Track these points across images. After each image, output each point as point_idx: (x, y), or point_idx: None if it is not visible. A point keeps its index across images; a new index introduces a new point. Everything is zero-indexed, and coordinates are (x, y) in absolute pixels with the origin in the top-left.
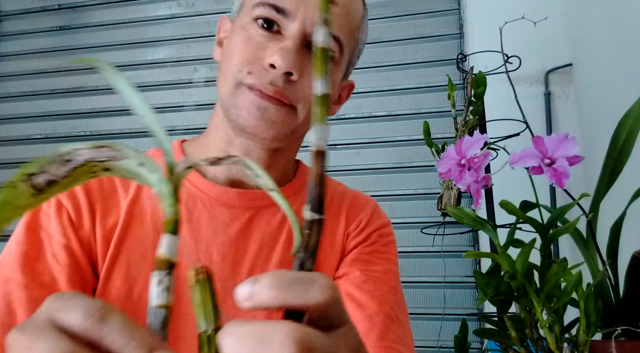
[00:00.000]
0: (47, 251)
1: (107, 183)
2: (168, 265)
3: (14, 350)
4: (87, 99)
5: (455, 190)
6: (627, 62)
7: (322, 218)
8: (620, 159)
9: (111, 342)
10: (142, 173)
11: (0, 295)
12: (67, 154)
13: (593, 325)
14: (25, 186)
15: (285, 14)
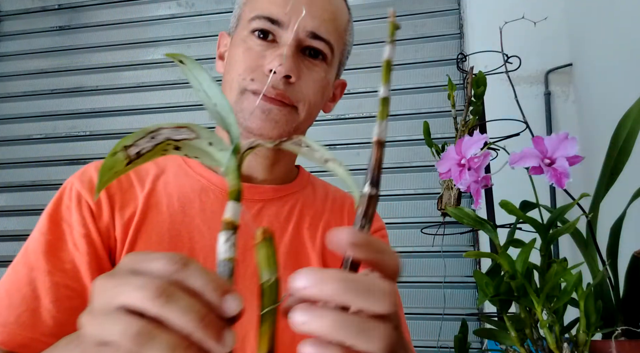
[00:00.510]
0: (69, 240)
1: (125, 179)
2: (232, 226)
3: (100, 296)
4: (87, 99)
5: (455, 190)
6: (627, 62)
7: (379, 192)
8: (620, 159)
9: (192, 283)
10: (211, 151)
11: (25, 281)
12: (153, 132)
13: (593, 325)
14: (122, 155)
15: (279, 24)
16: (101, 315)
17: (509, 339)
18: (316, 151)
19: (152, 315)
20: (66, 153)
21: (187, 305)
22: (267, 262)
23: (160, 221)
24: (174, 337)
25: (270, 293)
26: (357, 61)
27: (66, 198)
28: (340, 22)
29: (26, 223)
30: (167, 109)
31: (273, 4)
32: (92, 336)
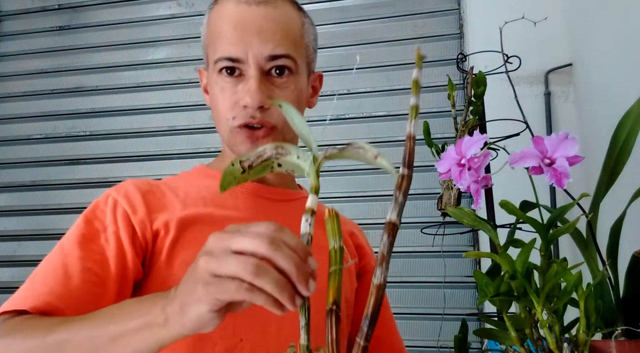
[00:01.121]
0: (101, 236)
1: (158, 190)
2: (312, 211)
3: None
4: (87, 99)
5: (455, 190)
6: (627, 62)
7: (411, 173)
8: (620, 159)
9: (288, 241)
10: (299, 163)
11: (60, 264)
12: (261, 151)
13: (593, 325)
14: (238, 166)
15: (240, 61)
16: (222, 255)
17: (509, 339)
18: (368, 151)
19: (263, 256)
20: (66, 153)
21: (289, 254)
22: (333, 233)
23: (200, 217)
24: (279, 275)
25: (336, 256)
26: (357, 61)
27: (102, 203)
28: (294, 32)
29: (26, 223)
30: (167, 109)
31: (229, 44)
32: (211, 270)
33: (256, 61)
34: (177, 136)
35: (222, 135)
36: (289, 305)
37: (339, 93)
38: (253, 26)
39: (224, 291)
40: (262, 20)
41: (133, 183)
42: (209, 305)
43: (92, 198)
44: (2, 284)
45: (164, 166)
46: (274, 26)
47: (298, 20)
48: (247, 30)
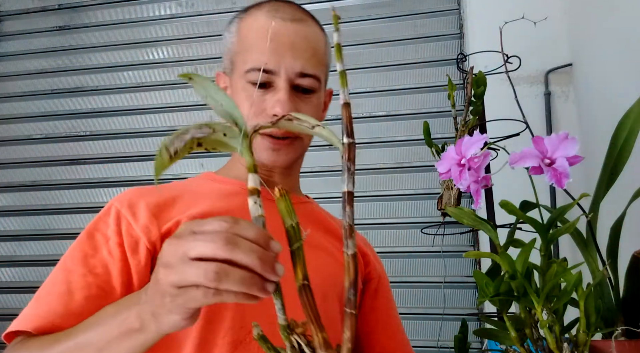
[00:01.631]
0: (103, 249)
1: (164, 192)
2: (256, 191)
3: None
4: (87, 99)
5: (455, 190)
6: (627, 62)
7: (354, 141)
8: (620, 159)
9: (246, 233)
10: (226, 140)
11: (62, 280)
12: (183, 132)
13: (593, 325)
14: (165, 154)
15: (272, 73)
16: (180, 265)
17: (509, 339)
18: (304, 121)
19: (223, 258)
20: (66, 153)
21: (249, 248)
22: (287, 211)
23: (207, 214)
24: (243, 272)
25: (295, 233)
26: (357, 61)
27: (104, 215)
28: (321, 51)
29: (26, 223)
30: (167, 109)
31: (263, 55)
32: (173, 283)
33: (287, 74)
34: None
35: None
36: (260, 295)
37: (339, 93)
38: (287, 40)
39: (192, 299)
40: (295, 37)
41: (136, 191)
42: (180, 314)
43: (92, 198)
44: (2, 284)
45: None
46: (306, 44)
47: (323, 41)
48: (281, 45)
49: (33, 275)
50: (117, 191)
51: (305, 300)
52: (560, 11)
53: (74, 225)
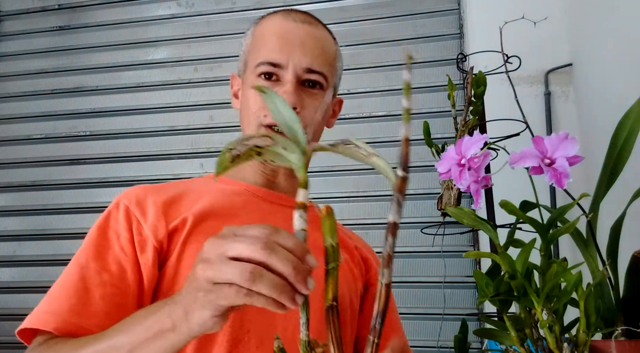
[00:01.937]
0: (115, 246)
1: (170, 190)
2: (303, 206)
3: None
4: (87, 99)
5: (455, 190)
6: (627, 62)
7: (407, 176)
8: (620, 159)
9: (284, 242)
10: (285, 154)
11: (78, 278)
12: (246, 139)
13: (593, 325)
14: (228, 155)
15: (280, 67)
16: (217, 263)
17: (509, 339)
18: (362, 149)
19: (259, 261)
20: (66, 153)
21: (285, 256)
22: (329, 230)
23: (212, 212)
24: (276, 278)
25: (333, 252)
26: (357, 61)
27: (114, 211)
28: (329, 53)
29: (26, 223)
30: (167, 109)
31: (273, 51)
32: (209, 278)
33: (294, 68)
34: (177, 136)
35: (246, 132)
36: (289, 305)
37: (339, 93)
38: (296, 39)
39: (224, 297)
40: (305, 36)
41: (142, 188)
42: (211, 311)
43: (92, 198)
44: (2, 284)
45: (164, 166)
46: (315, 43)
47: (333, 47)
48: (290, 41)
49: (33, 275)
50: (117, 191)
51: (330, 320)
52: (560, 11)
53: (74, 225)
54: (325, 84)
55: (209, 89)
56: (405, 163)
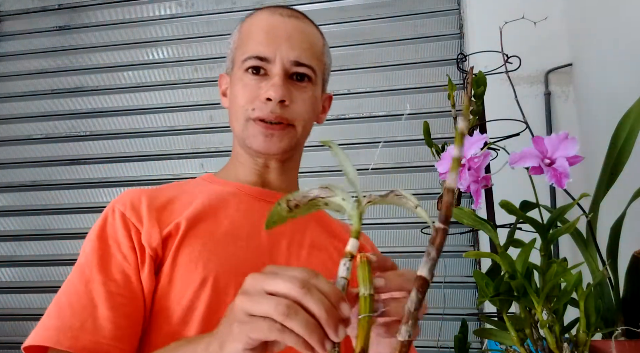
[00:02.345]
0: (117, 254)
1: (162, 195)
2: (351, 255)
3: (254, 284)
4: (87, 99)
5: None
6: (627, 62)
7: (447, 228)
8: (620, 159)
9: (321, 287)
10: (343, 205)
11: (83, 291)
12: (307, 192)
13: (593, 325)
14: (284, 205)
15: (268, 61)
16: (256, 295)
17: (509, 339)
18: (409, 200)
19: (294, 298)
20: (66, 153)
21: (320, 298)
22: (364, 279)
23: (204, 214)
24: (309, 317)
25: (366, 303)
26: (357, 61)
27: (110, 218)
28: (317, 48)
29: (26, 223)
30: (167, 109)
31: (260, 44)
32: (245, 309)
33: (282, 61)
34: (177, 136)
35: (236, 130)
36: (318, 348)
37: (339, 93)
38: (284, 33)
39: (257, 330)
40: (292, 30)
41: (136, 192)
42: (243, 344)
43: (92, 198)
44: (2, 284)
45: (164, 166)
46: (302, 37)
47: (321, 41)
48: (277, 35)
49: (33, 275)
50: (117, 191)
51: None
52: (560, 11)
53: (74, 225)
54: (313, 78)
55: (209, 89)
56: (447, 215)
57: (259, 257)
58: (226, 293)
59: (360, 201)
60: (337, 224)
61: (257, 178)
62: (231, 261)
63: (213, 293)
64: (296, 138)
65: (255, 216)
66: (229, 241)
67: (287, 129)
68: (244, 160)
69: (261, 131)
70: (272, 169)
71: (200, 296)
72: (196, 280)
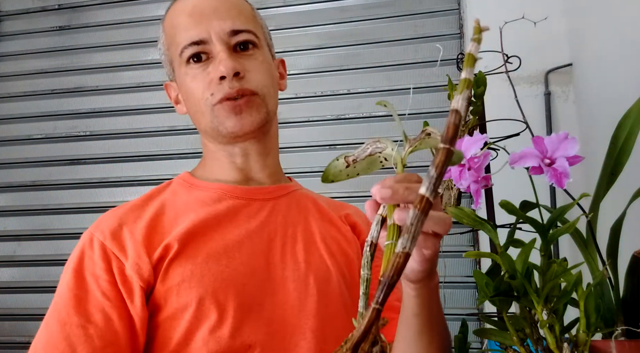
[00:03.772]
0: (96, 291)
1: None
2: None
3: None
4: (87, 99)
5: (455, 190)
6: (627, 62)
7: (451, 148)
8: (620, 159)
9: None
10: (393, 154)
11: (60, 337)
12: (366, 146)
13: (593, 325)
14: (342, 160)
15: (205, 42)
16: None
17: (509, 339)
18: (437, 134)
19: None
20: (66, 153)
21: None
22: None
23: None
24: None
25: (392, 230)
26: (357, 61)
27: (88, 250)
28: (247, 11)
29: (26, 223)
30: (167, 109)
31: (189, 30)
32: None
33: (219, 37)
34: (177, 136)
35: (203, 124)
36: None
37: (339, 93)
38: (208, 8)
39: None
40: (215, 2)
41: (114, 217)
42: None
43: (92, 198)
44: (2, 284)
45: (164, 166)
46: (228, 5)
47: (247, 4)
48: (203, 14)
49: (33, 275)
50: (117, 191)
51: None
52: (560, 11)
53: (74, 225)
54: (257, 41)
55: None
56: (451, 135)
57: (254, 262)
58: (226, 307)
59: (409, 142)
60: (322, 202)
61: (238, 173)
62: (225, 274)
63: (213, 309)
64: (265, 107)
65: (244, 221)
66: (221, 254)
67: (253, 99)
68: (220, 156)
69: (229, 110)
70: (253, 155)
71: (200, 316)
72: (193, 300)
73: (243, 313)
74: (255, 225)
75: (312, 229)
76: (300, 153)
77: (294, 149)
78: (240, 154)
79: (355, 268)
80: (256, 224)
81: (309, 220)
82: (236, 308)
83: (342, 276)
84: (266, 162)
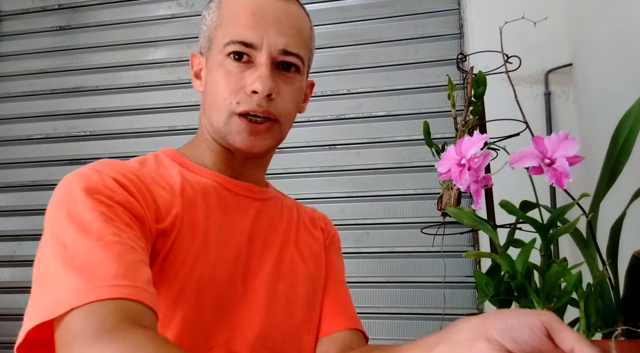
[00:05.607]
0: (118, 204)
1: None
2: None
3: None
4: (87, 99)
5: (455, 190)
6: (627, 62)
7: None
8: (620, 159)
9: None
10: None
11: (96, 247)
12: None
13: (593, 325)
14: None
15: (253, 47)
16: None
17: None
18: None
19: None
20: (66, 153)
21: None
22: None
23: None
24: None
25: None
26: (357, 61)
27: (95, 175)
28: (305, 33)
29: (26, 223)
30: (167, 109)
31: (245, 28)
32: None
33: (269, 49)
34: (177, 136)
35: (214, 120)
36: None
37: (339, 93)
38: (271, 16)
39: None
40: (281, 13)
41: (119, 165)
42: None
43: None
44: (2, 284)
45: None
46: (291, 21)
47: (308, 25)
48: (265, 18)
49: None
50: None
51: None
52: (560, 11)
53: None
54: (301, 67)
55: None
56: None
57: (236, 263)
58: (203, 304)
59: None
60: (302, 212)
61: (229, 169)
62: (210, 270)
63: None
64: (280, 134)
65: (235, 216)
66: (210, 247)
67: (273, 127)
68: (215, 149)
69: (246, 129)
70: (249, 164)
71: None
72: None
73: (216, 312)
74: (243, 223)
75: (289, 235)
76: (300, 153)
77: (294, 149)
78: (238, 159)
79: (324, 274)
80: (244, 222)
81: (289, 227)
82: (213, 303)
83: (312, 283)
84: (257, 169)
